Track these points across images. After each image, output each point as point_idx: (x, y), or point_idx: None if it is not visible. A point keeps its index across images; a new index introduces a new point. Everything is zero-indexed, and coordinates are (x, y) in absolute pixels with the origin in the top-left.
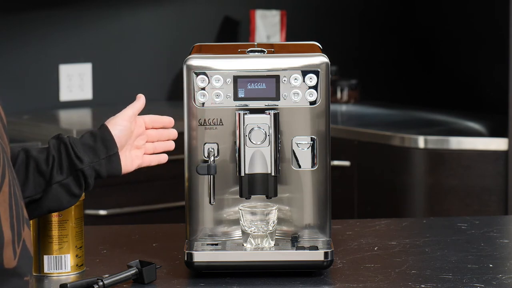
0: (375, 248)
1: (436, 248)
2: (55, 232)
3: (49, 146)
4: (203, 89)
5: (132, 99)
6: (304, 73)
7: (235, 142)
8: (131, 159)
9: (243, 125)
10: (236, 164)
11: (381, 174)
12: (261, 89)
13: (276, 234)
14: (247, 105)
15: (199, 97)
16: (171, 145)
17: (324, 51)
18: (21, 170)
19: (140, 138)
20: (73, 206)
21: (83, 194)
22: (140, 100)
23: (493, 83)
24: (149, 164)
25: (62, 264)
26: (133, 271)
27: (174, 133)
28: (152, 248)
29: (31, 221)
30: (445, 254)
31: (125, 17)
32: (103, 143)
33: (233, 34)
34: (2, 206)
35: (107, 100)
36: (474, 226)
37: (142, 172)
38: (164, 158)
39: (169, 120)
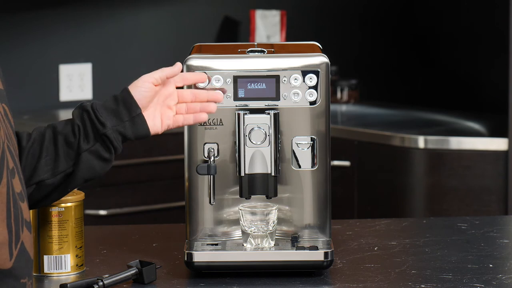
0: (375, 248)
1: (436, 248)
2: (55, 232)
3: (73, 117)
4: (203, 89)
5: None
6: (304, 73)
7: (235, 142)
8: (160, 119)
9: (243, 125)
10: (236, 164)
11: (381, 174)
12: (261, 89)
13: (276, 234)
14: (247, 105)
15: None
16: (208, 106)
17: (324, 51)
18: (50, 146)
19: (170, 98)
20: (73, 206)
21: (83, 194)
22: (175, 67)
23: (493, 83)
24: (182, 124)
25: (62, 264)
26: (133, 271)
27: (215, 95)
28: (152, 248)
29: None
30: (445, 254)
31: (125, 17)
32: (125, 105)
33: (233, 34)
34: None
35: None
36: (474, 226)
37: (142, 172)
38: (203, 117)
39: (198, 77)
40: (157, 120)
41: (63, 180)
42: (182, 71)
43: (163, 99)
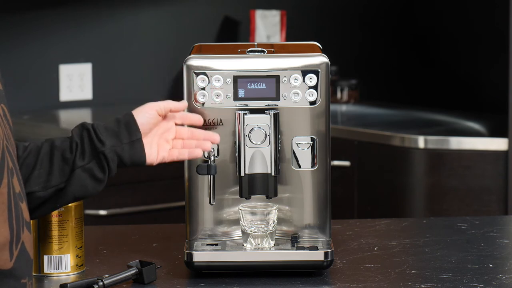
0: (375, 248)
1: (436, 248)
2: (55, 232)
3: (72, 135)
4: (203, 89)
5: (132, 99)
6: (304, 73)
7: (235, 142)
8: (156, 150)
9: (243, 125)
10: (236, 164)
11: (381, 174)
12: (261, 89)
13: (276, 234)
14: (247, 105)
15: (199, 97)
16: (204, 144)
17: (324, 51)
18: (45, 160)
19: (168, 132)
20: (73, 206)
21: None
22: (181, 103)
23: (493, 83)
24: (177, 158)
25: (62, 264)
26: (133, 271)
27: (212, 136)
28: (152, 248)
29: (31, 221)
30: (445, 254)
31: (125, 17)
32: (126, 128)
33: (233, 34)
34: (0, 208)
35: (107, 100)
36: (474, 226)
37: (142, 172)
38: (197, 153)
39: (197, 118)
40: (153, 150)
41: (53, 194)
42: (182, 71)
43: (162, 131)
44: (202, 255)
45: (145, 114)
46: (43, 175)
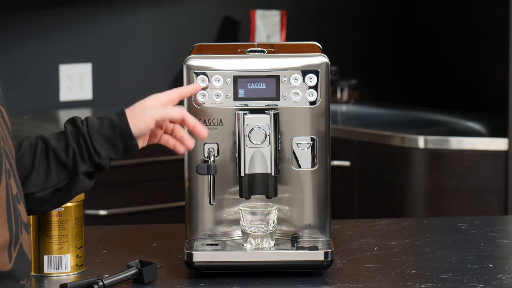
0: (375, 248)
1: (436, 248)
2: (55, 232)
3: (67, 135)
4: (203, 89)
5: (132, 99)
6: (304, 73)
7: (235, 142)
8: (148, 137)
9: (243, 125)
10: (236, 164)
11: (381, 174)
12: (261, 89)
13: (276, 234)
14: (247, 105)
15: (199, 97)
16: (187, 141)
17: (324, 51)
18: (42, 160)
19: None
20: (73, 206)
21: (83, 194)
22: (194, 86)
23: (493, 83)
24: (165, 143)
25: (62, 264)
26: (133, 271)
27: (200, 130)
28: (152, 248)
29: (30, 221)
30: (445, 254)
31: (125, 17)
32: (121, 137)
33: (233, 34)
34: None
35: (107, 100)
36: (474, 226)
37: (142, 172)
38: (189, 145)
39: (205, 132)
40: (146, 138)
41: (52, 194)
42: (182, 71)
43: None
44: (202, 255)
45: (142, 123)
46: (41, 176)
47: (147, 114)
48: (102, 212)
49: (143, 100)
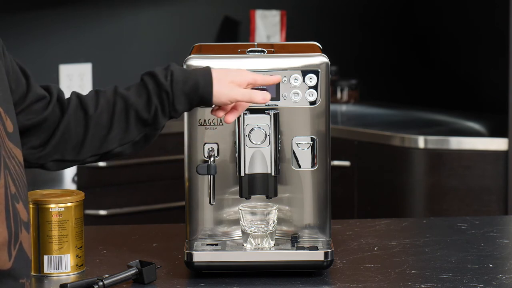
0: (375, 248)
1: (436, 248)
2: (55, 232)
3: (149, 91)
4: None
5: None
6: (304, 73)
7: (235, 142)
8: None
9: (243, 125)
10: (236, 164)
11: (381, 174)
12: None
13: (276, 234)
14: None
15: None
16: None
17: (324, 51)
18: (121, 118)
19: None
20: (72, 206)
21: (83, 194)
22: (273, 78)
23: (493, 83)
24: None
25: (62, 264)
26: (133, 271)
27: (270, 81)
28: (152, 248)
29: (31, 221)
30: (445, 254)
31: (125, 17)
32: (201, 101)
33: (233, 34)
34: None
35: None
36: (474, 226)
37: (142, 172)
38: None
39: (277, 78)
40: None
41: (128, 147)
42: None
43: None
44: (202, 255)
45: (224, 99)
46: (120, 134)
47: (231, 94)
48: (102, 212)
49: (232, 72)
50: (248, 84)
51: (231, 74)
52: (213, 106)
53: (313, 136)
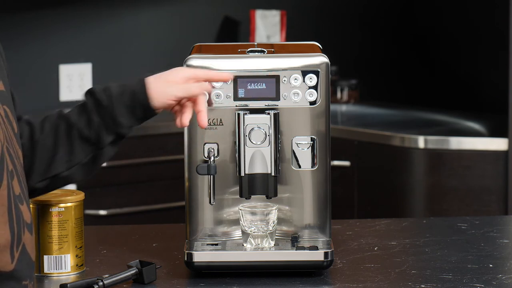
0: (375, 248)
1: (436, 248)
2: (55, 232)
3: (87, 109)
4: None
5: None
6: (304, 73)
7: (235, 142)
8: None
9: (243, 125)
10: (236, 164)
11: (381, 174)
12: (261, 89)
13: (276, 234)
14: (247, 105)
15: None
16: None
17: (324, 51)
18: (65, 139)
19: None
20: (72, 206)
21: (83, 194)
22: (223, 74)
23: (493, 83)
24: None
25: (62, 264)
26: (133, 271)
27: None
28: (152, 248)
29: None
30: (445, 254)
31: (125, 17)
32: (144, 111)
33: (233, 34)
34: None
35: None
36: (474, 226)
37: (142, 172)
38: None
39: (199, 109)
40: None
41: (77, 170)
42: None
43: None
44: (202, 255)
45: (163, 99)
46: (66, 155)
47: (169, 91)
48: (102, 212)
49: (167, 72)
50: (187, 79)
51: (166, 73)
52: (168, 112)
53: (313, 136)
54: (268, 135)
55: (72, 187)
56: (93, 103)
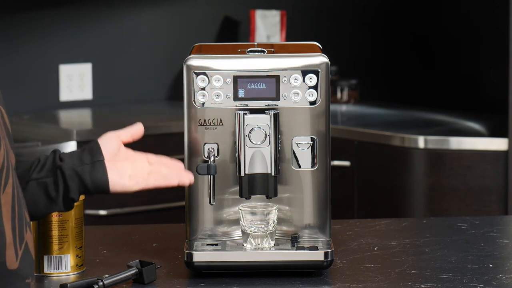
0: (375, 248)
1: (436, 248)
2: (55, 232)
3: (40, 156)
4: (203, 89)
5: (132, 99)
6: (304, 73)
7: (235, 142)
8: (130, 176)
9: (243, 125)
10: (236, 164)
11: (381, 174)
12: (261, 89)
13: (276, 234)
14: (247, 105)
15: (199, 97)
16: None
17: (324, 51)
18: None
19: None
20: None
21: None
22: (136, 126)
23: (493, 83)
24: (153, 186)
25: (62, 264)
26: (133, 271)
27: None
28: (152, 248)
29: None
30: (445, 254)
31: (125, 17)
32: (89, 151)
33: (233, 34)
34: (5, 207)
35: (107, 100)
36: (474, 226)
37: None
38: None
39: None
40: (125, 176)
41: None
42: (182, 71)
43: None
44: (202, 255)
45: (108, 140)
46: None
47: (108, 133)
48: (102, 212)
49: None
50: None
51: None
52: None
53: (313, 136)
54: (268, 135)
55: None
56: (46, 154)
